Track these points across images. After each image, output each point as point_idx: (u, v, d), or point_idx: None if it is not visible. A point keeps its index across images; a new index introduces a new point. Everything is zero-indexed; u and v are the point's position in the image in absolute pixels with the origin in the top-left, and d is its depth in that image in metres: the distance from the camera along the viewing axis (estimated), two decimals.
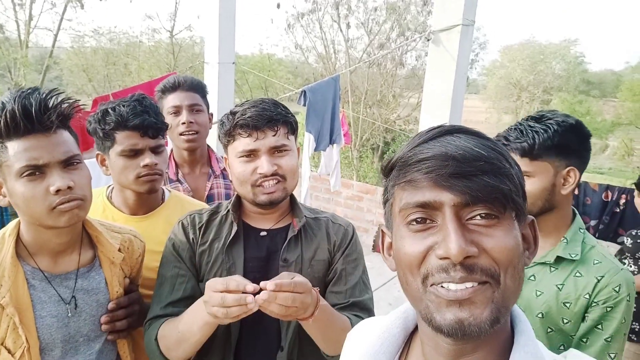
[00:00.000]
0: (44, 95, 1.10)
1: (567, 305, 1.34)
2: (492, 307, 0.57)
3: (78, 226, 1.22)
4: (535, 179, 1.36)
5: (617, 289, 1.30)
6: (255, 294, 1.04)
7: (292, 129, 1.33)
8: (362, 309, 1.33)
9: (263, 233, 1.36)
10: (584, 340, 1.34)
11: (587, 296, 1.32)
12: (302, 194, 4.28)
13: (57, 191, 1.07)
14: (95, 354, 1.25)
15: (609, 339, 1.31)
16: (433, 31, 3.64)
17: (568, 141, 1.35)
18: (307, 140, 4.20)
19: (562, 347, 1.38)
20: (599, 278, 1.32)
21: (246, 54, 21.22)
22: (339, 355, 1.01)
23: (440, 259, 0.57)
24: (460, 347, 0.62)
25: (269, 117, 1.25)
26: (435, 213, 0.59)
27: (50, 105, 1.10)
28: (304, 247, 1.35)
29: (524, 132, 1.36)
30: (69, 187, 1.09)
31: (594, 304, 1.31)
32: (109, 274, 1.28)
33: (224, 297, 1.04)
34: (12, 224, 1.19)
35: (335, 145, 4.58)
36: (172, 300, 1.31)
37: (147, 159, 1.47)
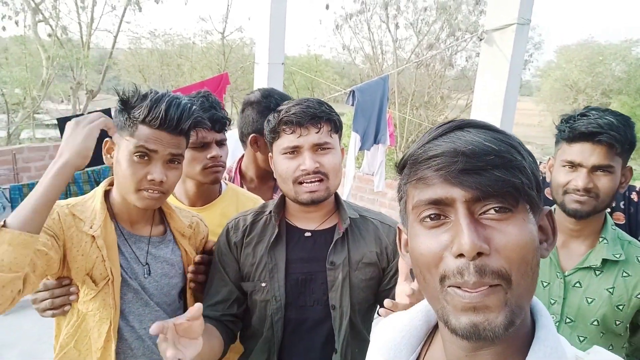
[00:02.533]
0: (187, 106, 1.27)
1: (621, 307, 1.32)
2: (507, 311, 0.57)
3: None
4: (614, 175, 1.32)
5: None
6: None
7: (336, 127, 1.35)
8: None
9: (308, 234, 1.37)
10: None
11: (639, 296, 1.30)
12: (344, 193, 4.29)
13: (151, 180, 1.22)
14: (164, 311, 1.36)
15: None
16: (486, 30, 3.55)
17: (636, 140, 1.34)
18: (353, 139, 4.21)
19: (610, 347, 1.35)
20: None
21: (294, 55, 21.43)
22: None
23: (456, 257, 0.58)
24: (479, 343, 0.62)
25: (312, 114, 1.28)
26: (448, 209, 0.60)
27: (189, 116, 1.26)
28: (352, 248, 1.34)
29: (615, 124, 1.29)
30: (161, 181, 1.23)
31: None
32: (182, 244, 1.43)
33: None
34: (105, 182, 1.36)
35: (380, 145, 4.56)
36: (211, 303, 1.39)
37: (214, 151, 1.57)
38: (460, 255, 0.57)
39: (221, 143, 1.61)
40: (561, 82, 23.05)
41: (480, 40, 3.62)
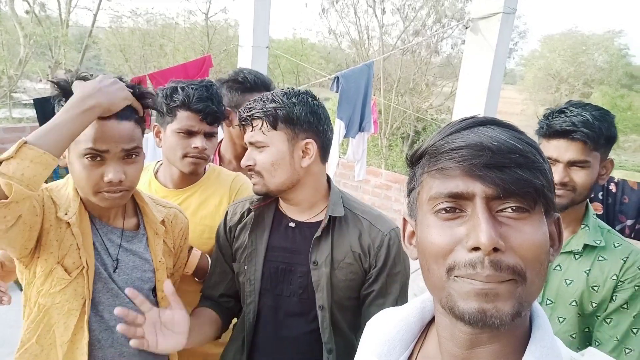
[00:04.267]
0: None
1: (595, 288, 1.38)
2: (515, 302, 0.57)
3: None
4: (591, 169, 1.37)
5: None
6: None
7: (274, 122, 1.28)
8: None
9: (292, 224, 1.36)
10: (608, 320, 1.38)
11: (614, 277, 1.37)
12: None
13: (109, 182, 1.15)
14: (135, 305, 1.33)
15: (636, 316, 1.35)
16: (472, 18, 3.55)
17: (614, 134, 1.39)
18: (337, 126, 4.18)
19: (587, 330, 1.43)
20: (624, 259, 1.37)
21: (279, 38, 21.19)
22: None
23: (470, 250, 0.57)
24: (476, 337, 0.62)
25: (245, 114, 1.30)
26: (466, 203, 0.59)
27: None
28: (335, 247, 1.31)
29: (589, 122, 1.33)
30: (120, 181, 1.16)
31: (620, 284, 1.36)
32: (152, 242, 1.37)
33: None
34: None
35: (365, 133, 4.54)
36: (210, 283, 1.50)
37: (199, 141, 1.54)
38: (475, 249, 0.56)
39: (209, 135, 1.58)
40: (544, 72, 23.28)
41: (466, 28, 3.62)
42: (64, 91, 1.16)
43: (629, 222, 4.54)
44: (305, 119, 1.28)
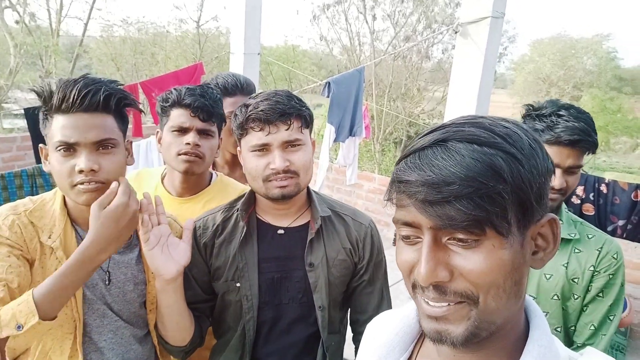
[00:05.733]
0: (95, 80, 1.17)
1: (576, 280, 1.42)
2: (468, 325, 0.58)
3: None
4: (579, 172, 1.41)
5: (615, 256, 1.41)
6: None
7: (306, 122, 1.30)
8: None
9: (281, 231, 1.33)
10: (585, 309, 1.42)
11: (592, 268, 1.41)
12: (317, 185, 4.29)
13: (80, 171, 1.13)
14: (126, 320, 1.30)
15: (611, 305, 1.40)
16: (461, 23, 3.58)
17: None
18: (327, 131, 4.19)
19: (572, 328, 1.46)
20: (599, 249, 1.41)
21: (271, 45, 21.22)
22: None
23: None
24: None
25: (282, 110, 1.22)
26: (419, 230, 0.60)
27: (103, 89, 1.15)
28: (327, 246, 1.33)
29: (588, 130, 1.36)
30: (92, 170, 1.13)
31: (597, 273, 1.40)
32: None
33: None
34: None
35: (356, 137, 4.55)
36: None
37: (191, 138, 1.50)
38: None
39: (204, 133, 1.54)
40: (534, 75, 23.47)
41: (456, 32, 3.64)
42: (44, 97, 1.15)
43: (621, 223, 4.57)
44: (312, 119, 1.34)
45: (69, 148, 1.14)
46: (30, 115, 3.89)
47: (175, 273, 1.18)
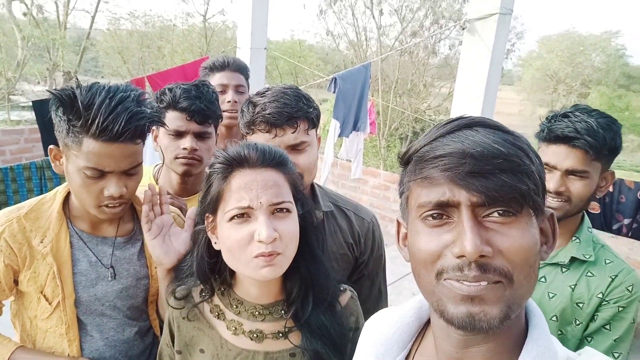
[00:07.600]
0: (133, 108, 1.08)
1: (580, 305, 1.31)
2: (503, 305, 0.57)
3: None
4: (590, 180, 1.28)
5: (630, 288, 1.28)
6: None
7: (313, 123, 1.30)
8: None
9: None
10: (589, 339, 1.31)
11: (600, 295, 1.29)
12: (322, 179, 4.30)
13: (109, 196, 1.13)
14: (129, 316, 1.31)
15: (617, 339, 1.28)
16: (469, 19, 3.56)
17: (618, 144, 1.29)
18: (332, 126, 4.19)
19: None
20: (612, 277, 1.29)
21: (277, 40, 21.17)
22: None
23: (457, 257, 0.58)
24: (470, 338, 0.63)
25: (289, 114, 1.22)
26: (452, 210, 0.59)
27: (137, 119, 1.08)
28: (329, 240, 1.34)
29: (593, 129, 1.24)
30: (121, 195, 1.14)
31: (605, 303, 1.28)
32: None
33: None
34: (65, 185, 1.26)
35: (360, 132, 4.54)
36: None
37: (188, 142, 1.50)
38: (462, 256, 0.57)
39: (201, 136, 1.53)
40: (542, 72, 23.32)
41: (463, 29, 3.63)
42: (66, 102, 1.07)
43: (627, 221, 4.55)
44: (319, 118, 1.32)
45: (100, 172, 1.11)
46: (39, 107, 3.91)
47: (176, 261, 1.21)
